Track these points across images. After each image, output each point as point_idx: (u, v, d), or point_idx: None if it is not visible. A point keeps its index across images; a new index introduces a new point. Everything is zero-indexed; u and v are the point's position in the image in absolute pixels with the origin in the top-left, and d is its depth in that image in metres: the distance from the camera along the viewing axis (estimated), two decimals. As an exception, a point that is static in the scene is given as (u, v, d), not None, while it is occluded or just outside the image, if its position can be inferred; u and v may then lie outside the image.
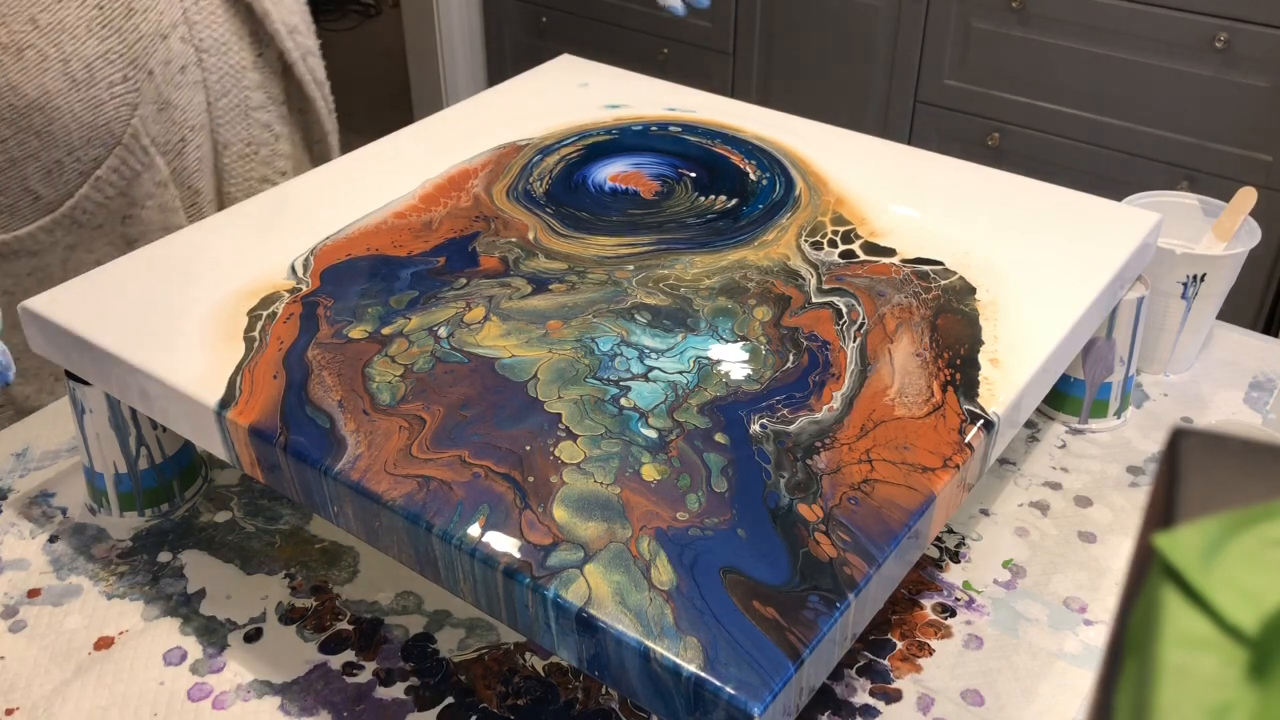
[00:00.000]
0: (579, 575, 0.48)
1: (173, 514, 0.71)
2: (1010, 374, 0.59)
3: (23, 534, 0.69)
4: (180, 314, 0.64)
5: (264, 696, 0.59)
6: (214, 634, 0.63)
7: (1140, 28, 1.66)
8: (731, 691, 0.43)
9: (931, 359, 0.60)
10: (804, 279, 0.66)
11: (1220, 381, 0.82)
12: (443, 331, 0.62)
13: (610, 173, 0.78)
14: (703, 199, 0.75)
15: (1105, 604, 0.64)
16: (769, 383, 0.58)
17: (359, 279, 0.67)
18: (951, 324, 0.63)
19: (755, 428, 0.55)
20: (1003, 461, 0.74)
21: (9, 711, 0.59)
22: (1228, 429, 0.49)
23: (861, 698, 0.59)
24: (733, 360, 0.60)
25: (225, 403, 0.57)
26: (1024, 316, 0.63)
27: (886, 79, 1.94)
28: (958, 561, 0.67)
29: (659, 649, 0.45)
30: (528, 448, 0.54)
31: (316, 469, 0.54)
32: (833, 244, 0.70)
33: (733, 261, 0.68)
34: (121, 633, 0.63)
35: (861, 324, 0.63)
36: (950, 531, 0.69)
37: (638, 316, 0.63)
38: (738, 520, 0.51)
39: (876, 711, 0.58)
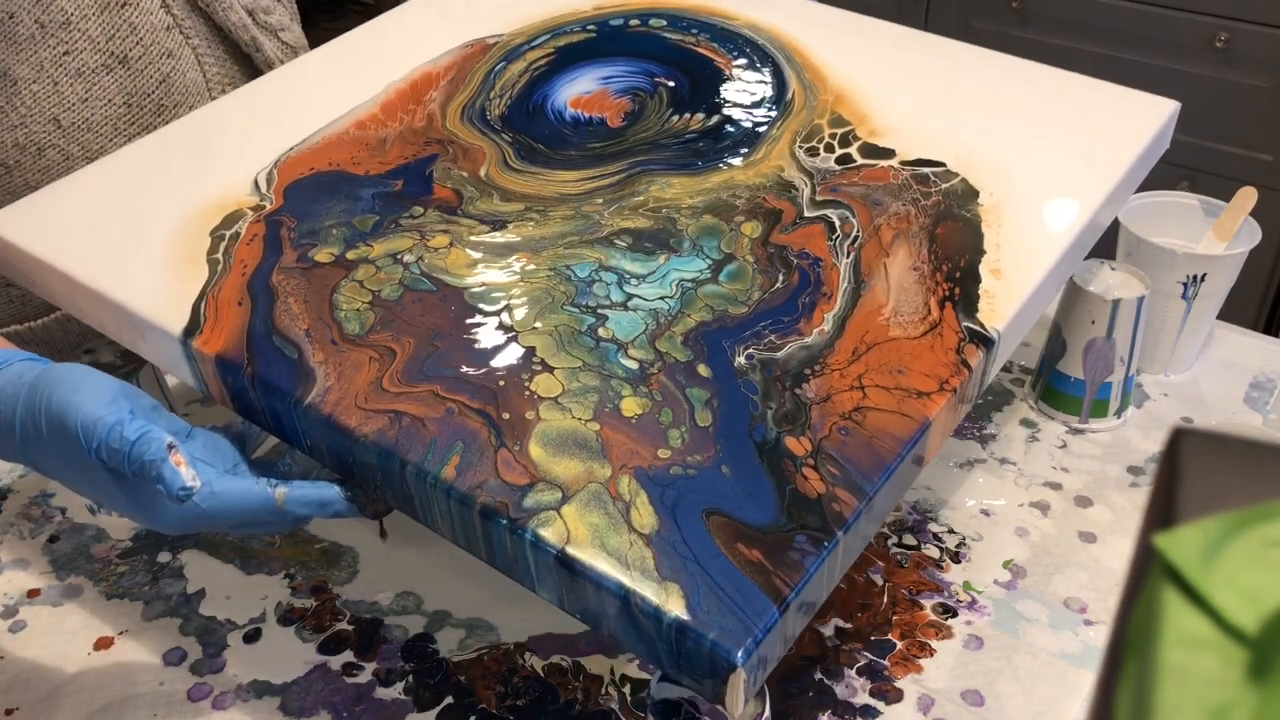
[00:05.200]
0: (556, 517, 0.46)
1: (172, 514, 0.71)
2: (1013, 286, 0.56)
3: (23, 534, 0.69)
4: (143, 233, 0.62)
5: (264, 697, 0.59)
6: (213, 634, 0.63)
7: (1140, 28, 1.66)
8: (713, 639, 0.42)
9: (929, 273, 0.57)
10: (797, 189, 0.63)
11: (1220, 381, 0.82)
12: (409, 258, 0.59)
13: (574, 94, 0.71)
14: (675, 118, 0.69)
15: (1105, 604, 0.64)
16: (756, 305, 0.56)
17: (322, 197, 0.64)
18: (952, 232, 0.60)
19: (741, 359, 0.53)
20: (1003, 461, 0.74)
21: (9, 711, 0.59)
22: (1228, 429, 0.49)
23: (862, 698, 0.59)
24: (718, 282, 0.57)
25: (190, 331, 0.56)
26: (1029, 221, 0.60)
27: (886, 79, 1.94)
28: (958, 561, 0.67)
29: (640, 594, 0.44)
30: (502, 382, 0.52)
31: (285, 402, 0.53)
32: (829, 149, 0.66)
33: (719, 183, 0.64)
34: (121, 633, 0.63)
35: (856, 237, 0.59)
36: (950, 531, 0.69)
37: (617, 241, 0.60)
38: (722, 456, 0.49)
39: (877, 712, 0.58)
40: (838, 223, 0.60)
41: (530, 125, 0.69)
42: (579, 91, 0.72)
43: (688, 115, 0.69)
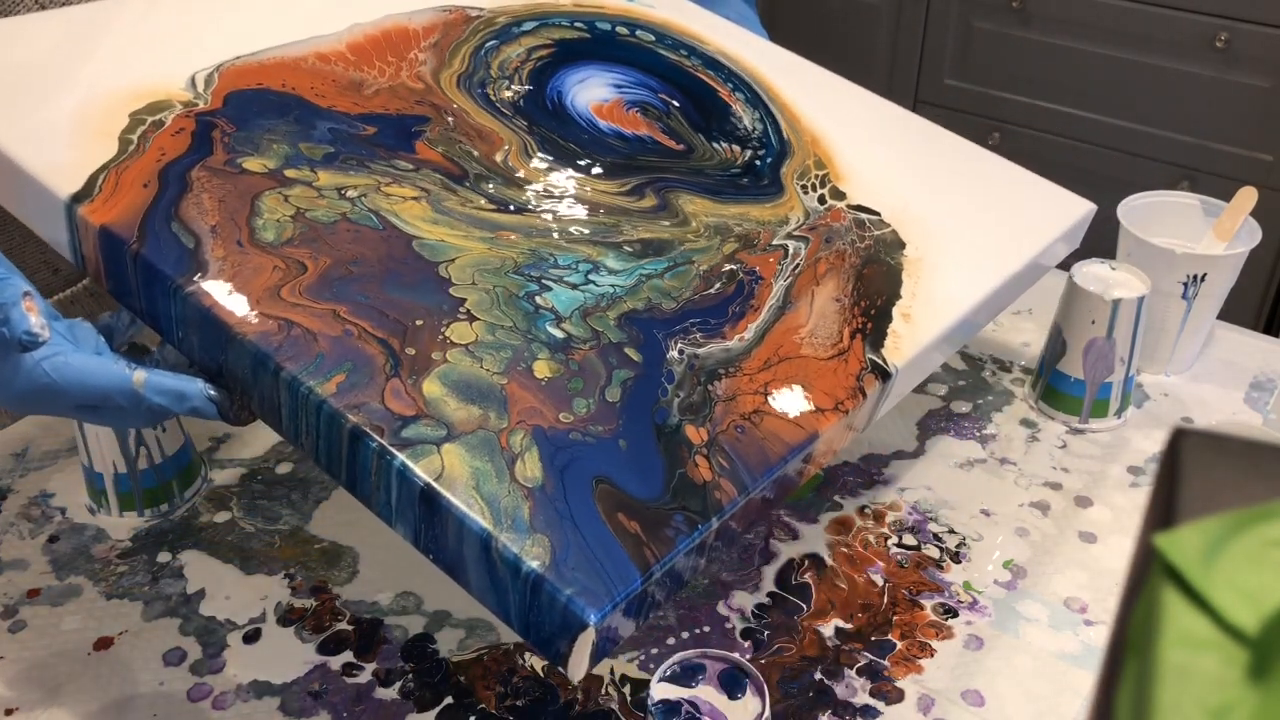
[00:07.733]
0: (434, 451, 0.45)
1: (172, 514, 0.71)
2: (918, 331, 0.60)
3: (22, 534, 0.69)
4: (56, 95, 0.58)
5: (263, 697, 0.59)
6: (213, 634, 0.63)
7: (1140, 28, 1.66)
8: (570, 594, 0.41)
9: (849, 306, 0.61)
10: (789, 224, 0.65)
11: (1220, 381, 0.82)
12: (353, 193, 0.56)
13: (591, 99, 0.70)
14: (720, 146, 0.70)
15: (1105, 604, 0.64)
16: (685, 304, 0.57)
17: (269, 114, 0.60)
18: (876, 274, 0.63)
19: (674, 352, 0.54)
20: (1003, 461, 0.74)
21: (9, 711, 0.59)
22: (1228, 429, 0.49)
23: (862, 698, 0.59)
24: (662, 278, 0.58)
25: (80, 197, 0.52)
26: (944, 278, 0.64)
27: (886, 79, 1.94)
28: (958, 562, 0.67)
29: (503, 539, 0.43)
30: (418, 323, 0.50)
31: (165, 286, 0.49)
32: (814, 188, 0.69)
33: (737, 213, 0.65)
34: (121, 633, 0.63)
35: (798, 265, 0.62)
36: (951, 531, 0.69)
37: (626, 247, 0.60)
38: (622, 431, 0.49)
39: (877, 712, 0.58)
40: (792, 251, 0.63)
41: (561, 127, 0.67)
42: (597, 98, 0.71)
43: (728, 146, 0.71)
